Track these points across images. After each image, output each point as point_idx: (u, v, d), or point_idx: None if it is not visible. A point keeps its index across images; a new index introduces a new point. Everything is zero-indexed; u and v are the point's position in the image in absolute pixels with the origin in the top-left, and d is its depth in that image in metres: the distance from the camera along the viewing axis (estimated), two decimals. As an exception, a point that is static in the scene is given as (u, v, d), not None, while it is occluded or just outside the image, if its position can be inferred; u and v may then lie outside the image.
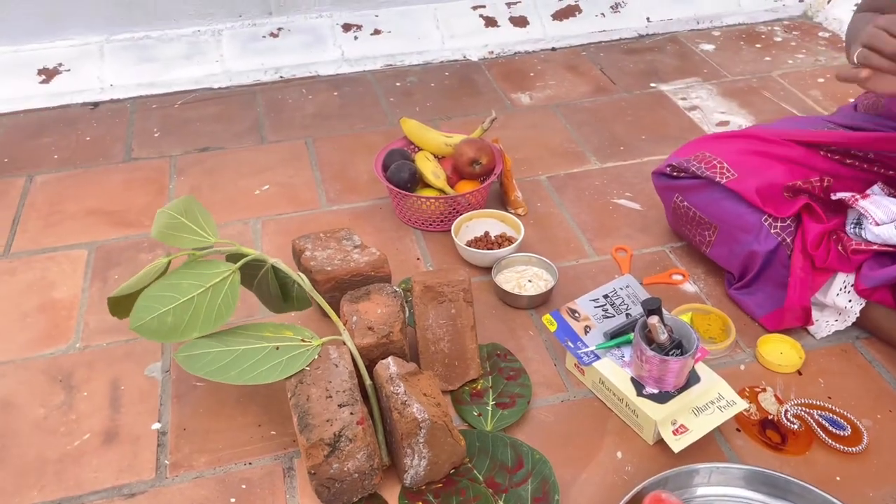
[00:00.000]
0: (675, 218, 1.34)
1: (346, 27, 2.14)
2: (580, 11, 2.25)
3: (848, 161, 1.22)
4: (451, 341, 1.12)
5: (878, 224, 1.12)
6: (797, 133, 1.24)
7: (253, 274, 1.14)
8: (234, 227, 1.49)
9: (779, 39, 2.21)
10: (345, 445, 0.91)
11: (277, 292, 1.14)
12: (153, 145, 1.77)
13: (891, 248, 1.11)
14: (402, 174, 1.43)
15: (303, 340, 1.01)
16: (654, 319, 1.02)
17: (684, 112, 1.86)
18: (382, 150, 1.51)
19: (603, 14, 2.26)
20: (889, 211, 1.13)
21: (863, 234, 1.15)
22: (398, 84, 2.02)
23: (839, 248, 1.15)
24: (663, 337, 1.02)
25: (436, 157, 1.53)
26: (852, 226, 1.17)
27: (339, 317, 1.09)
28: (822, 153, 1.22)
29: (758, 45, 2.16)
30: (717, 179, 1.21)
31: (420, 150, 1.54)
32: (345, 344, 1.03)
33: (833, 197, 1.20)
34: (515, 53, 2.17)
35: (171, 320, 1.00)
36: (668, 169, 1.31)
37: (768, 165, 1.22)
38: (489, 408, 1.09)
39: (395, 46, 2.12)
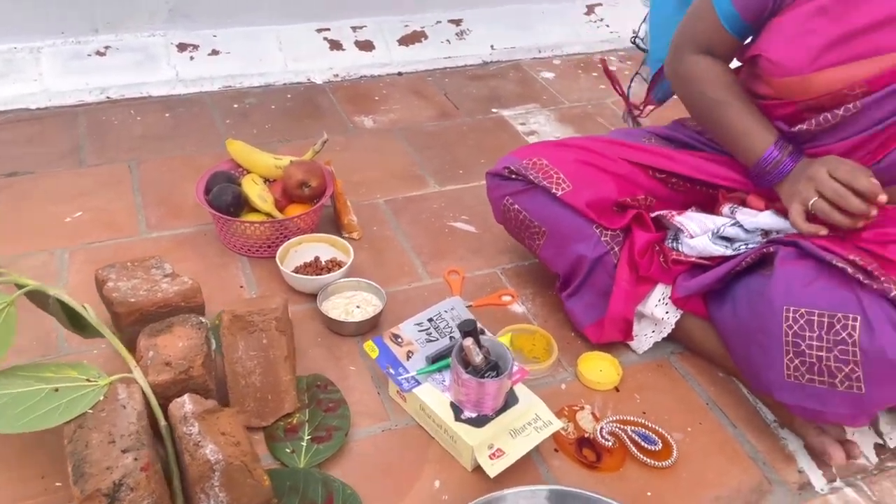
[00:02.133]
0: (503, 218, 1.32)
1: (182, 47, 2.04)
2: (426, 37, 2.26)
3: (672, 181, 1.26)
4: (263, 374, 1.06)
5: (692, 237, 1.16)
6: (627, 152, 1.26)
7: (43, 303, 1.03)
8: (37, 258, 1.36)
9: (613, 68, 2.30)
10: (125, 495, 0.82)
11: (66, 321, 1.04)
12: (-47, 170, 1.61)
13: (706, 262, 1.15)
14: (224, 197, 1.36)
15: (88, 380, 0.92)
16: (468, 341, 1.00)
17: (523, 136, 1.89)
18: (205, 173, 1.43)
19: (448, 41, 2.28)
20: (702, 224, 1.17)
21: (679, 248, 1.18)
22: (236, 106, 1.94)
23: (661, 259, 1.18)
24: (478, 359, 1.01)
25: (266, 180, 1.47)
26: (670, 240, 1.21)
27: (136, 352, 1.01)
28: (648, 172, 1.25)
29: (594, 74, 2.25)
30: (553, 190, 1.20)
31: (248, 172, 1.48)
32: (136, 382, 0.94)
33: (652, 215, 1.24)
34: (361, 77, 2.14)
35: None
36: (505, 171, 1.27)
37: (601, 179, 1.22)
38: (304, 443, 1.03)
39: (235, 67, 2.05)
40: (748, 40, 1.14)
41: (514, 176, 1.27)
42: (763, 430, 1.10)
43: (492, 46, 2.30)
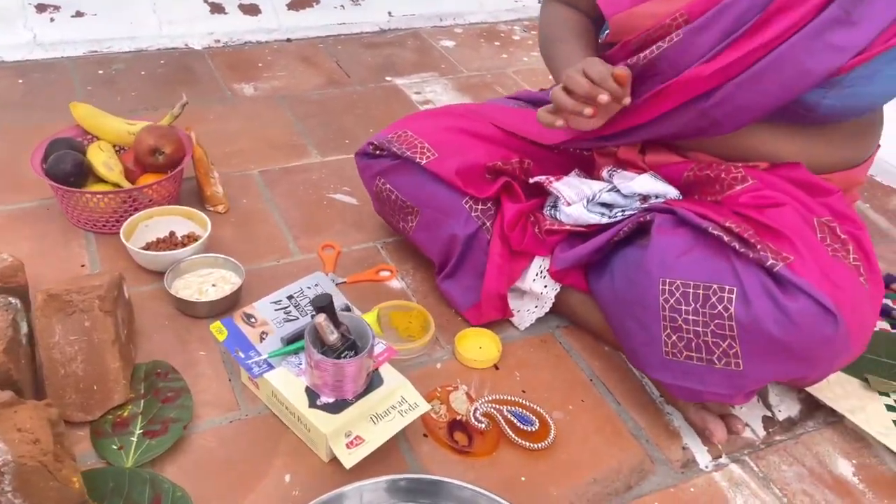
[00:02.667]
0: (378, 203, 1.23)
1: (41, 7, 1.85)
2: (318, 2, 2.13)
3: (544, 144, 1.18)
4: (86, 361, 0.92)
5: (569, 204, 1.08)
6: (493, 116, 1.18)
7: None
8: None
9: (517, 38, 2.22)
10: None
11: None
12: None
13: (582, 229, 1.07)
14: (63, 166, 1.20)
15: None
16: (320, 318, 0.89)
17: (416, 105, 1.78)
18: (45, 140, 1.27)
19: (343, 6, 2.15)
20: (580, 191, 1.09)
21: (557, 216, 1.10)
22: (101, 72, 1.76)
23: (535, 229, 1.10)
24: (333, 337, 0.90)
25: (119, 149, 1.32)
26: (549, 208, 1.13)
27: (-73, 339, 0.85)
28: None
29: (497, 43, 2.16)
30: (417, 160, 1.12)
31: (97, 139, 1.32)
32: (-83, 374, 0.79)
33: (531, 180, 1.15)
34: (245, 43, 1.99)
35: None
36: (371, 148, 1.19)
37: (471, 145, 1.14)
38: (134, 438, 0.90)
39: (103, 31, 1.86)
40: None
41: (378, 152, 1.17)
42: (647, 406, 1.03)
43: (389, 13, 2.18)
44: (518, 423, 0.97)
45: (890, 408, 1.03)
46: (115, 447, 0.89)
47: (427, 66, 1.99)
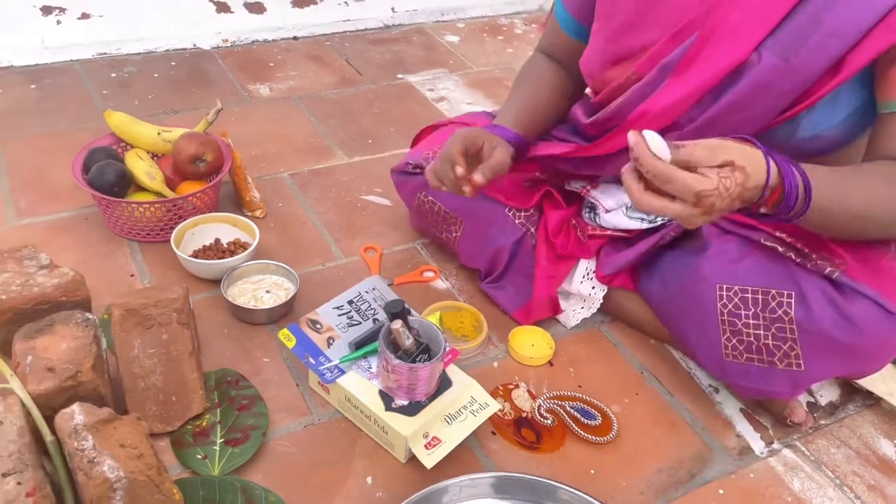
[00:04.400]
0: (419, 217, 1.27)
1: (47, 10, 1.82)
2: (322, -1, 2.13)
3: None
4: (165, 373, 0.93)
5: (608, 211, 1.12)
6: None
7: None
8: None
9: (519, 31, 2.25)
10: (7, 529, 0.69)
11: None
12: None
13: (624, 234, 1.12)
14: (106, 177, 1.20)
15: (-49, 396, 0.77)
16: (397, 324, 0.92)
17: (432, 103, 1.80)
18: (83, 150, 1.27)
19: (346, 2, 2.15)
20: (618, 198, 1.13)
21: (597, 220, 1.14)
22: (114, 75, 1.75)
23: (577, 233, 1.14)
24: (409, 342, 0.93)
25: (153, 155, 1.32)
26: (587, 211, 1.16)
27: (12, 358, 0.86)
28: None
29: (500, 38, 2.19)
30: None
31: (131, 147, 1.32)
32: (14, 393, 0.80)
33: (567, 187, 1.19)
34: (253, 42, 1.98)
35: None
36: (408, 167, 1.23)
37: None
38: (216, 447, 0.92)
39: (111, 33, 1.84)
40: None
41: (417, 170, 1.20)
42: (699, 395, 1.08)
43: (392, 9, 2.18)
44: (582, 418, 1.01)
45: (921, 389, 1.10)
46: (199, 457, 0.91)
47: (436, 63, 2.01)
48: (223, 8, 2.00)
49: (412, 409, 0.94)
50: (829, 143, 0.94)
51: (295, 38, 2.04)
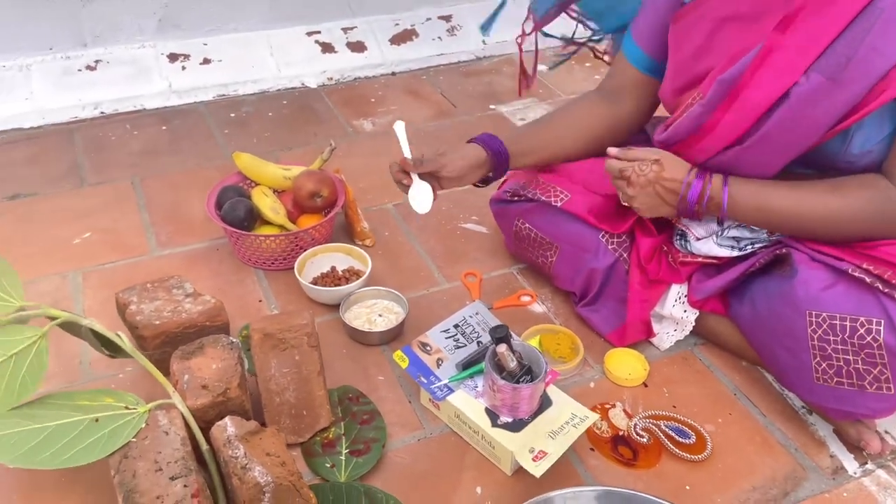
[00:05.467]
0: (515, 242, 1.36)
1: (173, 57, 2.02)
2: (417, 35, 2.25)
3: None
4: (297, 390, 1.05)
5: (698, 239, 1.18)
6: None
7: (74, 329, 1.01)
8: (50, 282, 1.34)
9: (607, 58, 2.31)
10: (178, 523, 0.82)
11: (100, 348, 1.02)
12: (-48, 195, 1.58)
13: (715, 261, 1.17)
14: (237, 212, 1.35)
15: (126, 408, 0.91)
16: (502, 347, 1.01)
17: (524, 132, 1.89)
18: (215, 188, 1.42)
19: (440, 37, 2.27)
20: (708, 226, 1.18)
21: (688, 247, 1.19)
22: (233, 115, 1.92)
23: (669, 259, 1.20)
24: (513, 364, 1.01)
25: (274, 191, 1.46)
26: (678, 238, 1.22)
27: (170, 375, 1.00)
28: None
29: (588, 64, 2.25)
30: (553, 202, 1.24)
31: (257, 185, 1.47)
32: (175, 407, 0.94)
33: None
34: (355, 79, 2.13)
35: (-35, 397, 0.87)
36: (507, 195, 1.32)
37: (598, 185, 1.25)
38: (342, 457, 1.03)
39: (228, 75, 2.03)
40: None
41: (516, 198, 1.29)
42: (792, 416, 1.12)
43: (483, 41, 2.29)
44: (677, 437, 1.07)
45: None
46: (328, 465, 1.02)
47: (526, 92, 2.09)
48: (327, 48, 2.15)
49: (516, 426, 1.03)
50: (878, 158, 1.00)
51: (393, 73, 2.17)
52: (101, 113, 1.89)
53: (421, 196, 1.20)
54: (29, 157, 1.71)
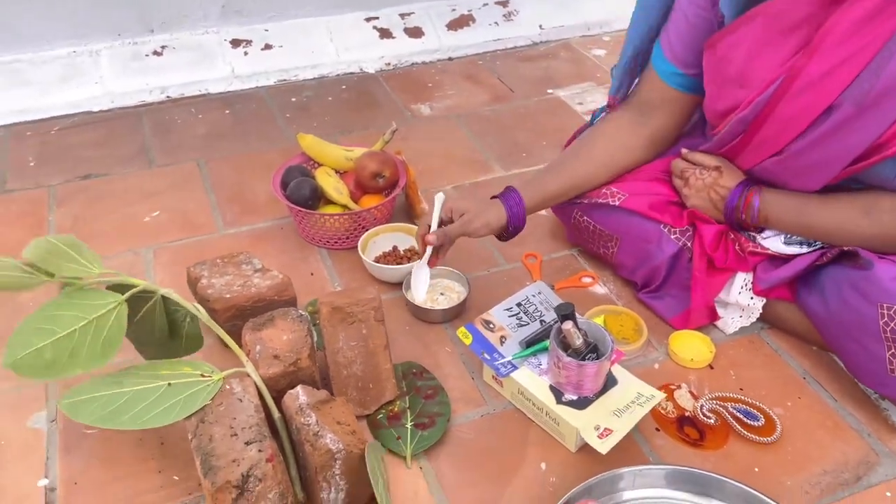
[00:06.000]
0: (575, 233, 1.35)
1: (235, 42, 2.06)
2: (474, 21, 2.25)
3: None
4: (363, 363, 1.07)
5: (765, 238, 1.16)
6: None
7: (135, 310, 1.03)
8: (124, 258, 1.39)
9: (666, 43, 2.28)
10: (254, 486, 0.84)
11: (165, 330, 1.05)
12: (29, 175, 1.64)
13: (784, 255, 1.15)
14: (302, 191, 1.37)
15: (202, 375, 0.94)
16: (568, 325, 1.01)
17: (582, 116, 1.88)
18: (280, 168, 1.45)
19: (496, 23, 2.26)
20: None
21: (756, 239, 1.17)
22: (293, 99, 1.95)
23: (736, 247, 1.18)
24: (578, 342, 1.01)
25: (337, 172, 1.48)
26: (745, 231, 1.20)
27: (243, 346, 1.02)
28: None
29: (647, 49, 2.22)
30: (610, 203, 1.24)
31: (320, 165, 1.49)
32: (249, 376, 0.96)
33: None
34: (412, 64, 2.14)
35: (50, 356, 0.90)
36: None
37: (652, 184, 1.26)
38: (408, 430, 1.05)
39: (289, 61, 2.06)
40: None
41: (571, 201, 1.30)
42: (864, 402, 1.10)
43: (540, 26, 2.28)
44: (745, 419, 1.05)
45: None
46: (394, 437, 1.04)
47: (583, 77, 2.08)
48: (385, 34, 2.17)
49: (581, 404, 1.02)
50: None
51: (450, 58, 2.18)
52: (168, 97, 1.94)
53: (420, 282, 1.23)
54: (99, 139, 1.77)
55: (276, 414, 0.95)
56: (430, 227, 1.19)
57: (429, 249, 1.20)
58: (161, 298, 1.02)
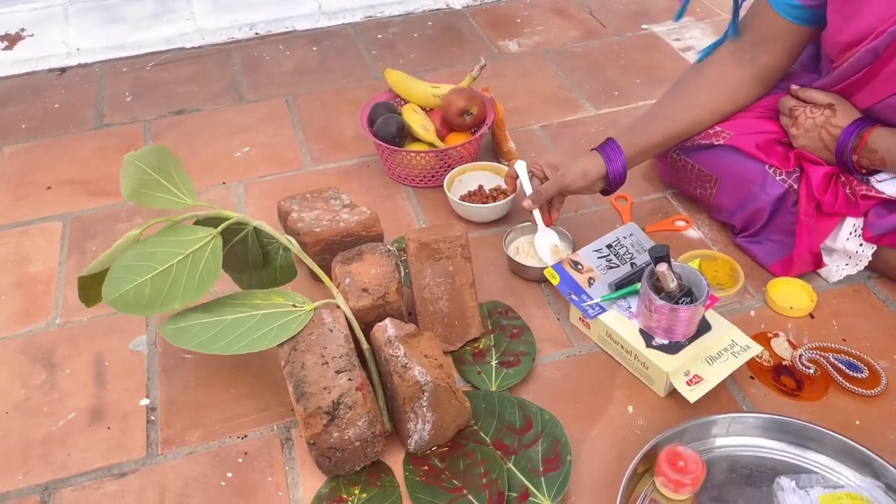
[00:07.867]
0: (671, 172, 1.30)
1: (323, -22, 2.04)
2: (565, -47, 2.15)
3: None
4: (450, 300, 1.07)
5: (880, 181, 1.08)
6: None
7: (227, 241, 1.05)
8: (216, 192, 1.42)
9: None
10: (344, 413, 0.86)
11: (259, 260, 1.07)
12: (125, 110, 1.69)
13: (897, 198, 1.07)
14: (389, 128, 1.36)
15: (294, 306, 0.96)
16: (662, 267, 0.97)
17: (679, 53, 1.79)
18: (367, 104, 1.44)
19: (589, -45, 2.16)
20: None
21: (870, 183, 1.10)
22: (380, 36, 1.93)
23: (847, 191, 1.10)
24: (673, 285, 0.98)
25: (423, 109, 1.46)
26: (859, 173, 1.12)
27: (332, 278, 1.04)
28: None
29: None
30: (714, 143, 1.18)
31: (406, 102, 1.47)
32: (339, 307, 0.97)
33: None
34: (500, 0, 2.08)
35: (149, 291, 0.93)
36: None
37: (759, 122, 1.19)
38: (492, 367, 1.04)
39: (375, -3, 2.03)
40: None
41: None
42: (981, 359, 1.03)
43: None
44: (847, 370, 1.00)
45: None
46: (478, 373, 1.04)
47: (680, 12, 1.97)
48: (472, -32, 2.11)
49: (672, 348, 1.00)
50: None
51: (539, -8, 2.10)
52: (256, 34, 1.95)
53: (540, 247, 1.20)
54: (191, 75, 1.80)
55: (364, 345, 0.97)
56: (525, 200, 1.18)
57: (535, 213, 1.18)
58: (254, 230, 1.04)
